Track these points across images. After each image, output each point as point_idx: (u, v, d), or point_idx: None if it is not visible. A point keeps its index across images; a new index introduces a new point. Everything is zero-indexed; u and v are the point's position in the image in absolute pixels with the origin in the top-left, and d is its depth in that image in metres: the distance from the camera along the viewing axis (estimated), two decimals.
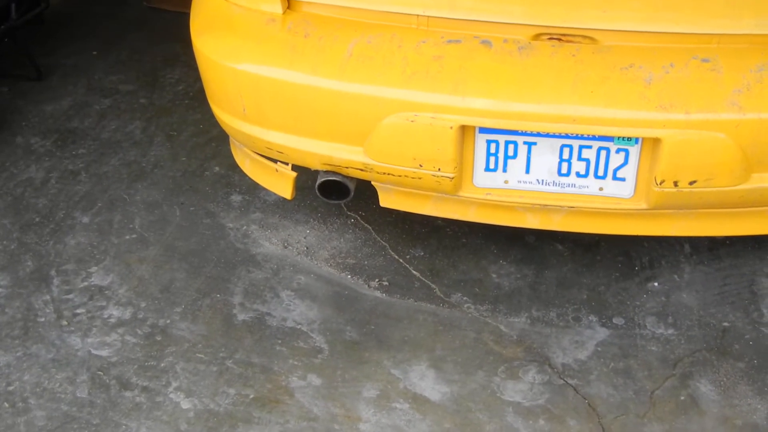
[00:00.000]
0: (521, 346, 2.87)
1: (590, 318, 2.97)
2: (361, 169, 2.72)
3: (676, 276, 3.13)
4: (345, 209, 3.47)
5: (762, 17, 2.45)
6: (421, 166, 2.62)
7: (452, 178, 2.63)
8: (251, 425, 2.62)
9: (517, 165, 2.63)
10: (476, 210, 2.83)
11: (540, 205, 2.70)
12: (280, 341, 2.89)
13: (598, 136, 2.53)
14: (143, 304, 3.04)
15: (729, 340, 2.88)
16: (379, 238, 3.32)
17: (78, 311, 3.01)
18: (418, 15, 2.59)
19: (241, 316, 2.99)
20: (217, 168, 3.74)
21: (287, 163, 2.92)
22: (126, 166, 3.76)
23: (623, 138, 2.52)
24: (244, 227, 3.39)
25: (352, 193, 2.86)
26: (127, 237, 3.35)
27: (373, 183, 2.86)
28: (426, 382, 2.75)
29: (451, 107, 2.50)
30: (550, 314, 2.99)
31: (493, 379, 2.76)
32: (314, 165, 2.80)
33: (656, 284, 3.10)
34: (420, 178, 2.66)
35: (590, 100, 2.45)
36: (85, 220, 3.44)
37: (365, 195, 3.15)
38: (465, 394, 2.71)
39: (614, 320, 2.96)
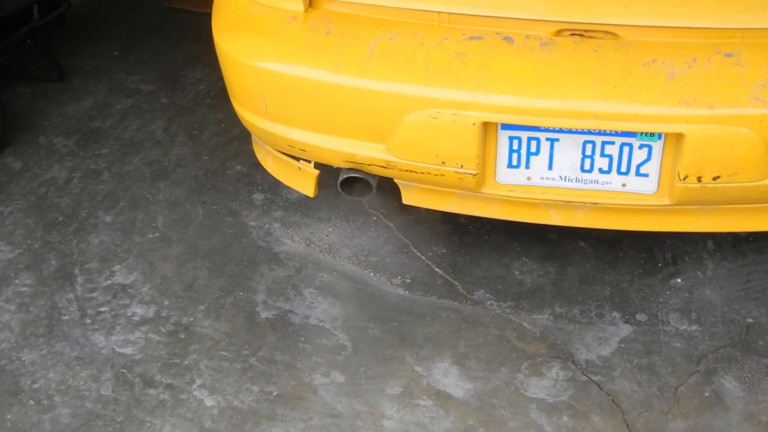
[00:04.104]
0: (544, 342, 2.87)
1: (613, 314, 2.96)
2: (384, 167, 2.72)
3: (699, 272, 3.12)
4: (367, 207, 3.47)
5: None
6: (443, 163, 2.62)
7: (475, 174, 2.63)
8: (275, 422, 2.63)
9: (539, 161, 2.63)
10: (499, 207, 2.83)
11: (563, 201, 2.70)
12: (303, 338, 2.90)
13: (621, 132, 2.53)
14: (166, 302, 3.05)
15: (753, 336, 2.87)
16: (401, 236, 3.33)
17: (102, 309, 3.03)
18: (439, 12, 2.59)
19: (264, 314, 3.00)
20: (239, 167, 3.75)
21: (310, 161, 2.92)
22: (148, 165, 3.78)
23: (646, 134, 2.52)
24: (267, 225, 3.40)
25: (375, 191, 2.86)
26: (150, 236, 3.37)
27: (395, 180, 2.86)
28: (449, 378, 2.76)
29: (474, 104, 2.50)
30: (573, 311, 2.98)
31: (516, 376, 2.76)
32: (337, 162, 2.80)
33: (679, 280, 3.09)
34: (443, 175, 2.66)
35: (613, 96, 2.44)
36: (108, 219, 3.46)
37: (387, 192, 3.16)
38: (488, 391, 2.71)
39: (637, 317, 2.95)
